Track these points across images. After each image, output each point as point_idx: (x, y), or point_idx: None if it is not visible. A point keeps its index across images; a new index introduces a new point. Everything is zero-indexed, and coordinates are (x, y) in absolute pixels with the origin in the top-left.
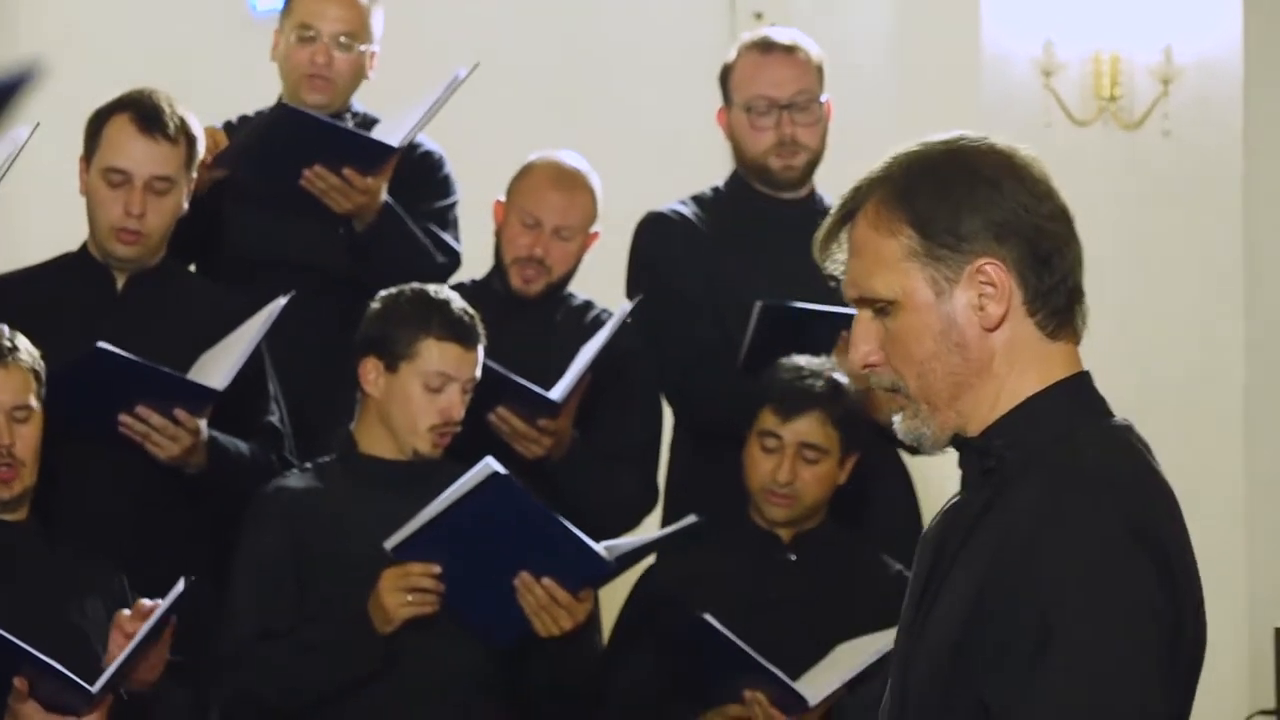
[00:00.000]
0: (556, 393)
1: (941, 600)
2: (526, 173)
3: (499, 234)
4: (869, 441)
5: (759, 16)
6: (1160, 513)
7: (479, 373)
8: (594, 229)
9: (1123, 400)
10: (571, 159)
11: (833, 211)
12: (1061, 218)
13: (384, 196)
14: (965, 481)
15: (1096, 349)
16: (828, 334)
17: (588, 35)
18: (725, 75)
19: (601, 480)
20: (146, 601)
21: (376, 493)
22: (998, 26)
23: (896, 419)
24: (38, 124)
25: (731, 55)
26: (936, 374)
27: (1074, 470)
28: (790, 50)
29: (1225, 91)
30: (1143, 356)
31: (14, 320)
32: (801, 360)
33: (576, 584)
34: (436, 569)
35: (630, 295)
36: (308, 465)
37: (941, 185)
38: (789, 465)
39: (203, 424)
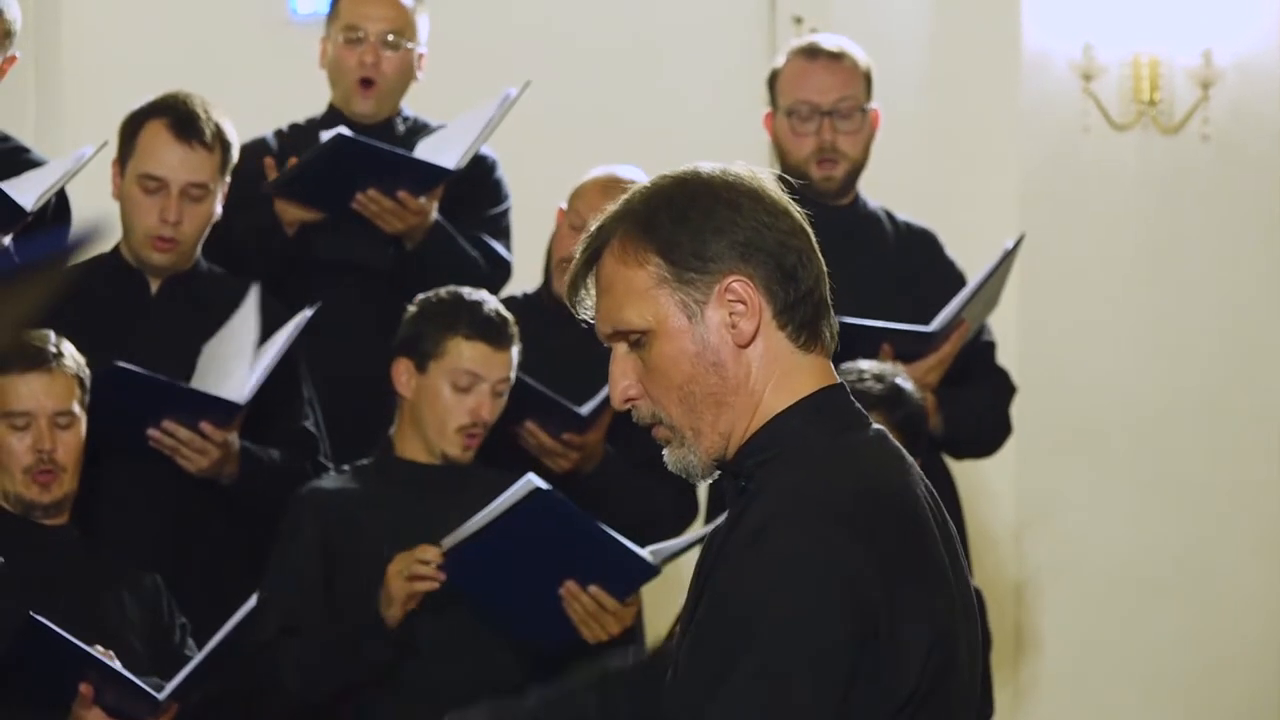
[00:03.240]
0: (585, 408)
1: (690, 627)
2: (584, 182)
3: (551, 241)
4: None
5: (799, 20)
6: (882, 531)
7: (512, 375)
8: None
9: (1160, 406)
10: (628, 172)
11: (578, 254)
12: (801, 234)
13: (434, 215)
14: (726, 503)
15: (1135, 354)
16: (867, 346)
17: (627, 42)
18: (773, 79)
19: (636, 492)
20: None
21: (409, 496)
22: (1037, 30)
23: (665, 453)
24: (105, 143)
25: (780, 60)
26: (696, 396)
27: (790, 490)
28: (836, 57)
29: (1265, 95)
30: (1181, 362)
31: (48, 324)
32: (864, 364)
33: (623, 589)
34: (439, 551)
35: None
36: (345, 468)
37: (682, 211)
38: None
39: (232, 436)
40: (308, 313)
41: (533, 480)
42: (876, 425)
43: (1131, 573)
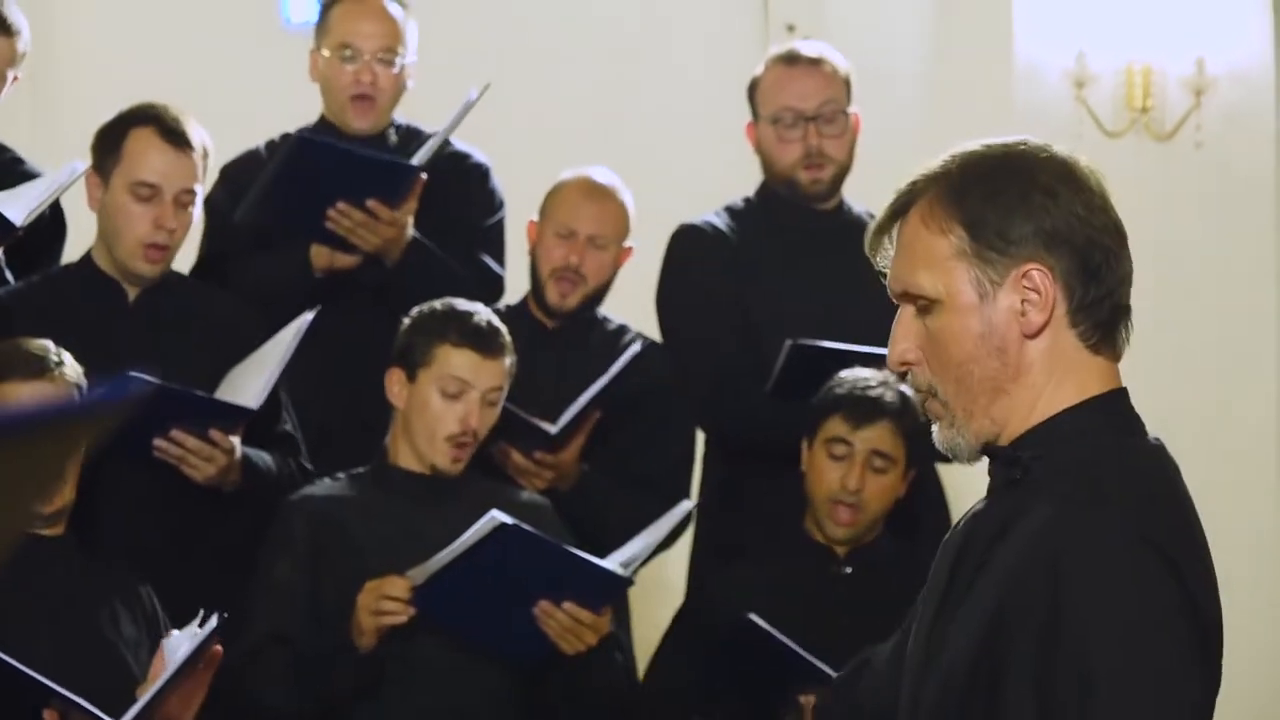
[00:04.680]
0: (555, 426)
1: (962, 612)
2: (559, 188)
3: (533, 253)
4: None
5: (791, 29)
6: (1179, 536)
7: (505, 386)
8: (627, 244)
9: (1153, 415)
10: (602, 174)
11: (887, 205)
12: (1114, 232)
13: (410, 230)
14: (991, 489)
15: (1127, 362)
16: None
17: (620, 50)
18: (753, 89)
19: (619, 509)
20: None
21: (401, 505)
22: (1030, 38)
23: (935, 428)
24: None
25: (759, 70)
26: (974, 377)
27: (1095, 492)
28: (816, 62)
29: (1257, 103)
30: (1174, 370)
31: (24, 335)
32: (865, 371)
33: (597, 604)
34: (407, 585)
35: (660, 306)
36: (339, 475)
37: (996, 188)
38: (858, 473)
39: (236, 442)
40: (309, 316)
41: (497, 516)
42: (1154, 435)
43: None
